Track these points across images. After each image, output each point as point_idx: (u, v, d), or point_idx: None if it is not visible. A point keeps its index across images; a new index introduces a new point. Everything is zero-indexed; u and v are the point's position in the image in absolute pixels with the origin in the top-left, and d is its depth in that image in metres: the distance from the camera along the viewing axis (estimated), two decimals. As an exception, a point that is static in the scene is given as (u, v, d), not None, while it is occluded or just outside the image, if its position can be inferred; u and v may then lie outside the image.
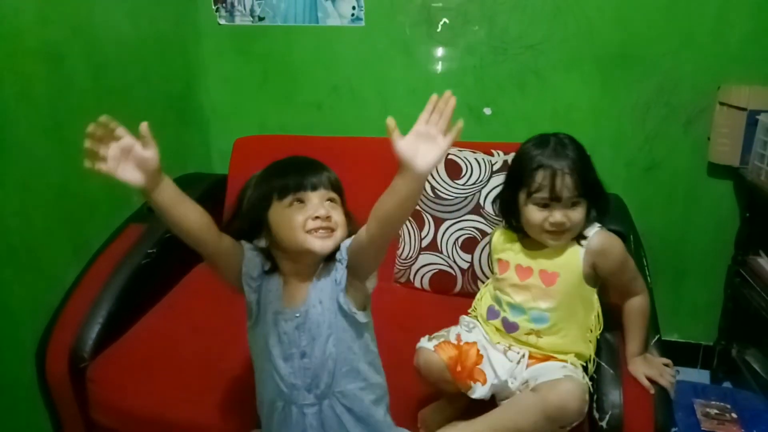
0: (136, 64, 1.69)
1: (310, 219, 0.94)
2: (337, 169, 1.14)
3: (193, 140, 2.00)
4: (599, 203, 1.18)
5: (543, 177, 1.12)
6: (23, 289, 1.35)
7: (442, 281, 1.60)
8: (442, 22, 1.77)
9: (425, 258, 1.59)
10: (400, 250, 1.64)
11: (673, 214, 1.79)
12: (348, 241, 0.98)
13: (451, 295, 1.59)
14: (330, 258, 0.99)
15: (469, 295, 1.43)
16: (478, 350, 1.19)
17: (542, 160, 1.13)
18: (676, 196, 1.78)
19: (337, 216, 0.97)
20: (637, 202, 1.69)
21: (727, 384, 1.79)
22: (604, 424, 1.09)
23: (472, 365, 1.17)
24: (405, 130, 1.96)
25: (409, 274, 1.62)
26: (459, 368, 1.16)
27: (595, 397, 1.13)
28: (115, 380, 1.30)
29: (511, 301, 1.19)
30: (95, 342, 1.34)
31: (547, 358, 1.17)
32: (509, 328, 1.20)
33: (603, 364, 1.17)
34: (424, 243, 1.60)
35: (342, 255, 0.98)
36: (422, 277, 1.61)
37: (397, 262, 1.63)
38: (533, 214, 1.14)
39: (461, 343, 1.20)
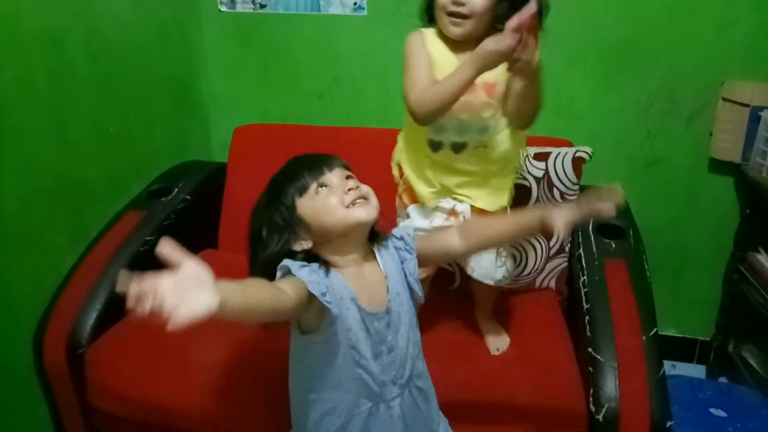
0: (136, 51, 1.68)
1: (344, 194, 0.92)
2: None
3: (193, 128, 1.99)
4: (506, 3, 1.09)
5: None
6: (21, 275, 1.35)
7: (440, 278, 1.59)
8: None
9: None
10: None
11: (673, 210, 1.79)
12: (411, 231, 1.00)
13: (449, 292, 1.59)
14: (375, 238, 0.99)
15: (467, 291, 1.43)
16: None
17: None
18: (676, 191, 1.78)
19: (364, 185, 0.96)
20: (638, 197, 1.69)
21: (723, 379, 1.79)
22: (600, 417, 1.09)
23: None
24: (404, 123, 1.94)
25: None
26: None
27: (591, 390, 1.14)
28: (113, 364, 1.31)
29: (457, 121, 1.17)
30: (93, 328, 1.34)
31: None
32: (458, 148, 1.21)
33: (598, 357, 1.17)
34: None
35: (409, 245, 0.99)
36: (421, 271, 1.61)
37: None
38: None
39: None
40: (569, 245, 1.55)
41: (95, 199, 1.56)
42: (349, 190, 0.92)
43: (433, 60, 1.17)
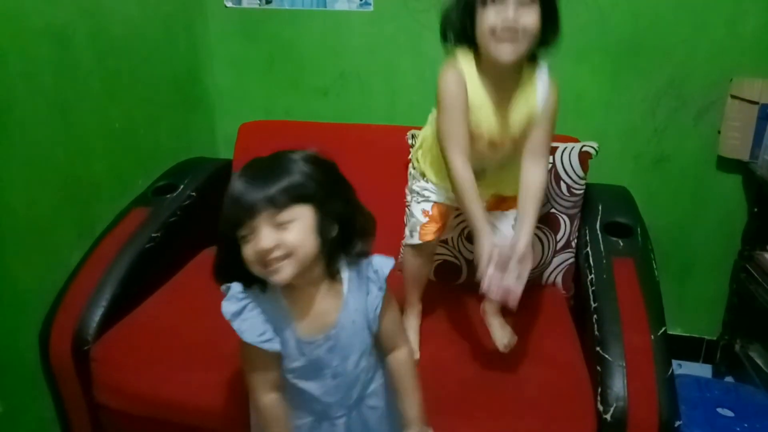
0: (142, 46, 1.68)
1: (262, 255, 0.83)
2: (342, 156, 1.12)
3: (198, 124, 1.99)
4: (550, 27, 1.09)
5: None
6: (28, 271, 1.35)
7: (447, 271, 1.59)
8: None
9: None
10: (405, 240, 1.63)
11: (680, 207, 1.78)
12: (389, 267, 0.94)
13: (456, 285, 1.59)
14: (351, 257, 0.92)
15: (474, 285, 1.43)
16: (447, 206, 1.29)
17: None
18: (684, 189, 1.77)
19: (292, 237, 0.83)
20: (645, 195, 1.68)
21: (729, 379, 1.79)
22: (608, 416, 1.09)
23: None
24: (411, 119, 1.95)
25: (414, 262, 1.62)
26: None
27: (599, 389, 1.13)
28: (119, 361, 1.31)
29: (481, 157, 1.20)
30: (99, 325, 1.34)
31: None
32: (477, 171, 1.18)
33: (606, 356, 1.17)
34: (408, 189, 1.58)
35: (381, 281, 0.94)
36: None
37: (402, 250, 1.62)
38: (483, 15, 1.05)
39: (433, 214, 1.29)
40: (576, 240, 1.54)
41: (101, 196, 1.56)
42: (266, 254, 0.82)
43: (472, 103, 1.13)
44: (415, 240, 1.30)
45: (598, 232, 1.46)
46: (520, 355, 1.32)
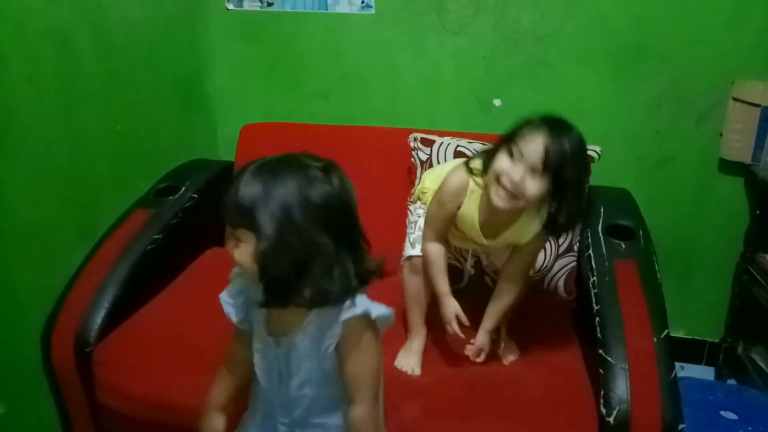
0: (144, 49, 1.68)
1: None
2: (343, 158, 1.11)
3: (200, 126, 1.99)
4: (567, 213, 1.14)
5: (530, 131, 1.09)
6: (30, 272, 1.35)
7: (449, 275, 1.58)
8: (453, 12, 1.75)
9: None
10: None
11: (682, 210, 1.78)
12: (383, 312, 0.88)
13: (458, 289, 1.58)
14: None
15: (476, 288, 1.43)
16: None
17: (542, 124, 1.10)
18: (686, 191, 1.77)
19: (238, 255, 0.84)
20: (647, 197, 1.68)
21: (731, 381, 1.78)
22: (611, 419, 1.08)
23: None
24: (412, 121, 1.95)
25: (416, 265, 1.62)
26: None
27: (602, 392, 1.13)
28: (120, 363, 1.30)
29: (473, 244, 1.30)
30: (101, 327, 1.34)
31: None
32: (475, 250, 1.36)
33: (609, 358, 1.16)
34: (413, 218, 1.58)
35: (346, 324, 0.87)
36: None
37: (403, 256, 1.62)
38: (501, 160, 1.12)
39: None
40: (578, 244, 1.54)
41: (103, 197, 1.56)
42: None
43: (460, 215, 1.24)
44: (417, 251, 1.29)
45: (600, 234, 1.46)
46: (521, 360, 1.33)
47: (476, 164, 1.20)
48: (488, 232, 1.23)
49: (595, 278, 1.35)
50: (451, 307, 1.25)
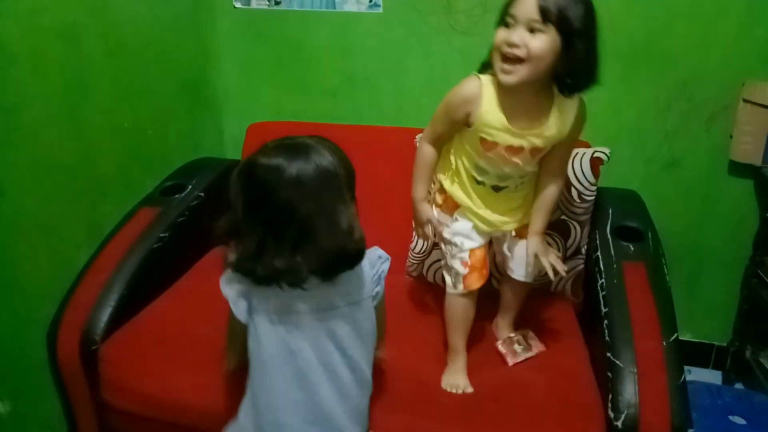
0: (151, 47, 1.68)
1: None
2: (350, 157, 1.12)
3: (207, 124, 1.99)
4: (578, 64, 1.06)
5: None
6: (36, 270, 1.35)
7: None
8: (461, 11, 1.74)
9: (438, 252, 1.57)
10: (413, 244, 1.62)
11: (691, 212, 1.77)
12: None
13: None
14: None
15: (481, 290, 1.42)
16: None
17: None
18: (695, 193, 1.75)
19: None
20: (656, 199, 1.67)
21: (739, 385, 1.77)
22: (619, 423, 1.08)
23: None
24: (420, 121, 1.94)
25: (422, 268, 1.61)
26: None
27: (610, 396, 1.12)
28: (126, 361, 1.30)
29: (500, 171, 1.21)
30: (107, 325, 1.34)
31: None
32: (499, 189, 1.24)
33: (617, 362, 1.15)
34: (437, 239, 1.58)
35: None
36: (435, 272, 1.59)
37: (409, 255, 1.62)
38: (498, 35, 1.07)
39: (473, 263, 1.26)
40: (586, 247, 1.53)
41: (109, 195, 1.56)
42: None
43: (481, 121, 1.14)
44: (460, 290, 1.27)
45: (609, 236, 1.45)
46: (527, 363, 1.31)
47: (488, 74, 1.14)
48: (521, 132, 1.14)
49: (603, 280, 1.34)
50: (425, 212, 1.27)
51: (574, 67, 1.07)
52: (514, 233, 1.31)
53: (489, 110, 1.13)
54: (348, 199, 0.95)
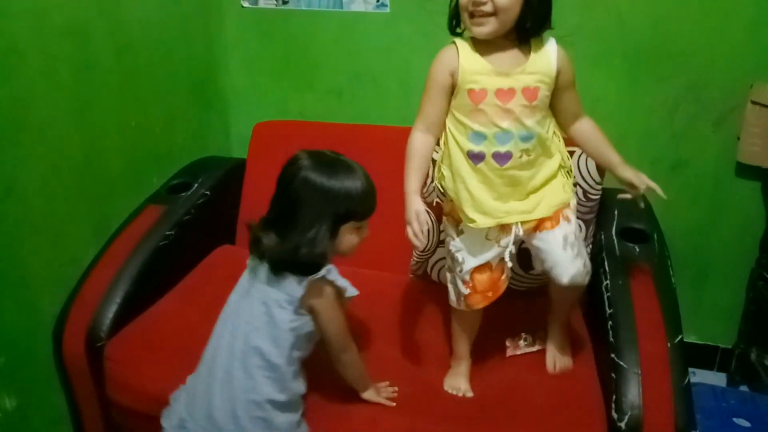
0: (160, 46, 1.69)
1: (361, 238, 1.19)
2: (356, 156, 1.14)
3: (213, 123, 2.00)
4: (536, 11, 1.08)
5: None
6: (43, 267, 1.36)
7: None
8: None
9: (443, 251, 1.57)
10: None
11: (698, 214, 1.76)
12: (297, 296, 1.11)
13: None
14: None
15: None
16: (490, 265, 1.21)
17: None
18: (702, 195, 1.75)
19: None
20: (662, 201, 1.64)
21: (744, 388, 1.76)
22: (623, 425, 1.07)
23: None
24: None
25: (426, 267, 1.61)
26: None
27: (614, 397, 1.12)
28: (132, 359, 1.31)
29: (498, 129, 1.11)
30: (112, 322, 1.35)
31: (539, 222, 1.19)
32: (502, 160, 1.13)
33: (622, 363, 1.15)
34: (443, 236, 1.57)
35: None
36: (439, 271, 1.59)
37: (414, 254, 1.62)
38: None
39: (474, 284, 1.20)
40: (591, 247, 1.52)
41: (116, 193, 1.57)
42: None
43: (464, 71, 1.11)
44: (462, 307, 1.24)
45: (614, 237, 1.45)
46: (531, 363, 1.31)
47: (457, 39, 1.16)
48: (506, 71, 1.11)
49: (608, 282, 1.33)
50: (415, 205, 1.12)
51: (533, 14, 1.08)
52: (525, 227, 1.18)
53: (469, 60, 1.12)
54: (334, 221, 1.09)
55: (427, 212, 1.19)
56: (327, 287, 1.10)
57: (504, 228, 1.17)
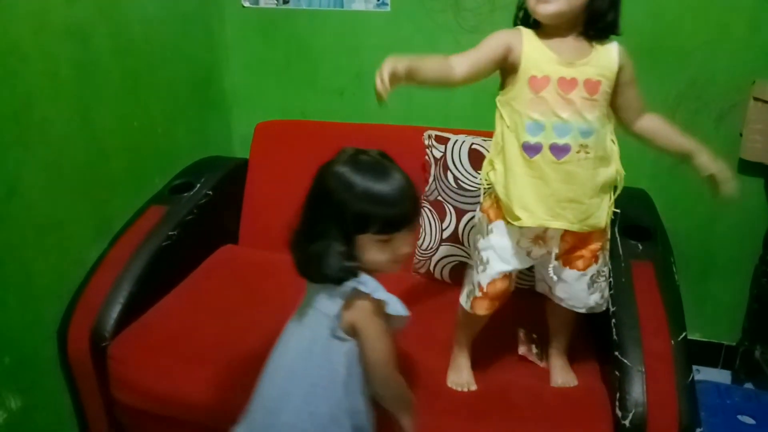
0: (161, 46, 1.69)
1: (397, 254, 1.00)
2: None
3: (215, 123, 2.00)
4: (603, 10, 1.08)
5: None
6: (46, 268, 1.36)
7: (462, 273, 1.57)
8: (468, 9, 1.74)
9: (446, 249, 1.58)
10: (421, 240, 1.62)
11: (700, 211, 1.75)
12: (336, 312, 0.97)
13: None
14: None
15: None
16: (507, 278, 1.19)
17: None
18: (704, 192, 1.73)
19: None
20: (665, 198, 1.66)
21: (748, 385, 1.76)
22: (627, 422, 1.07)
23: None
24: (427, 119, 1.93)
25: (429, 264, 1.61)
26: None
27: (618, 395, 1.12)
28: (135, 358, 1.31)
29: (557, 120, 1.08)
30: (116, 322, 1.35)
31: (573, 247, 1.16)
32: (559, 153, 1.09)
33: (625, 361, 1.15)
34: (445, 234, 1.58)
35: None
36: (442, 269, 1.59)
37: (417, 252, 1.62)
38: None
39: (488, 291, 1.19)
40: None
41: (119, 193, 1.57)
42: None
43: (527, 57, 1.10)
44: (467, 307, 1.23)
45: (617, 235, 1.44)
46: (534, 361, 1.31)
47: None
48: (570, 61, 1.09)
49: (611, 279, 1.33)
50: (395, 58, 1.05)
51: (601, 12, 1.09)
52: (559, 260, 1.17)
53: (533, 47, 1.10)
54: (340, 229, 0.94)
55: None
56: (361, 300, 0.95)
57: (537, 240, 1.16)
